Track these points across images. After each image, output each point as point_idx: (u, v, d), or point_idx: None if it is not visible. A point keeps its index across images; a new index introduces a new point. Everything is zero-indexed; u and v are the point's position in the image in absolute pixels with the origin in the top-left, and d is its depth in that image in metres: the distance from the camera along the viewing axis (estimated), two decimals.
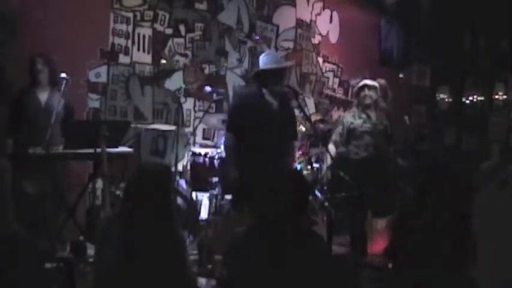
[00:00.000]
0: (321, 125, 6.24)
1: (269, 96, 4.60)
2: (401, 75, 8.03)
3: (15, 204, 2.76)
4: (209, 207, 5.27)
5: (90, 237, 4.45)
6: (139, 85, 5.97)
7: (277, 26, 7.11)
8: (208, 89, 5.82)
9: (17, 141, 4.62)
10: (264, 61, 4.67)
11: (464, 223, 2.58)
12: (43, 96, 4.77)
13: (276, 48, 6.95)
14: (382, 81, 6.12)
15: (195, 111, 6.36)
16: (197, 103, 6.36)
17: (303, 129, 5.88)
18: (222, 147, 5.27)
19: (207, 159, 5.33)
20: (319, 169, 5.69)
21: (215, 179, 5.19)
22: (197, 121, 6.09)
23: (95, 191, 4.90)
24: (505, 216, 2.20)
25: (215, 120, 5.82)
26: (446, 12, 8.23)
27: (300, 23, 7.30)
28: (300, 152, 5.82)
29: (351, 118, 5.38)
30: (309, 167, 5.64)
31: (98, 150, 4.34)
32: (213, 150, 5.58)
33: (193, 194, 5.53)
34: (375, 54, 8.04)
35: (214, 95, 5.81)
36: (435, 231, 3.01)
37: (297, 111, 5.11)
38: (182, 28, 6.27)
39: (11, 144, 4.60)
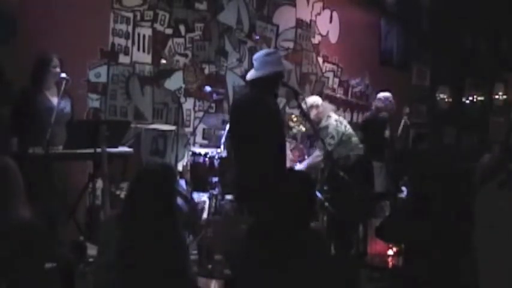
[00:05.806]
0: None
1: (270, 98, 4.52)
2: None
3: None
4: (209, 207, 5.27)
5: (90, 237, 4.45)
6: (139, 85, 5.97)
7: (277, 26, 7.11)
8: (208, 89, 5.81)
9: (24, 141, 4.53)
10: (267, 61, 4.39)
11: (464, 223, 2.58)
12: (53, 96, 4.73)
13: (276, 49, 6.94)
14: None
15: (195, 111, 6.35)
16: (197, 103, 6.36)
17: (303, 129, 5.87)
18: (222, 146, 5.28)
19: (207, 159, 5.31)
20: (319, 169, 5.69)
21: (215, 179, 5.19)
22: (197, 121, 6.10)
23: (95, 191, 4.89)
24: (505, 217, 2.20)
25: (215, 120, 5.81)
26: (447, 12, 8.24)
27: (300, 23, 7.31)
28: (297, 153, 5.84)
29: None
30: None
31: (98, 150, 4.33)
32: (213, 150, 5.57)
33: (193, 194, 5.53)
34: (375, 54, 8.06)
35: (214, 95, 5.81)
36: (435, 230, 3.01)
37: (296, 111, 5.10)
38: (182, 28, 6.27)
39: (16, 143, 4.51)
